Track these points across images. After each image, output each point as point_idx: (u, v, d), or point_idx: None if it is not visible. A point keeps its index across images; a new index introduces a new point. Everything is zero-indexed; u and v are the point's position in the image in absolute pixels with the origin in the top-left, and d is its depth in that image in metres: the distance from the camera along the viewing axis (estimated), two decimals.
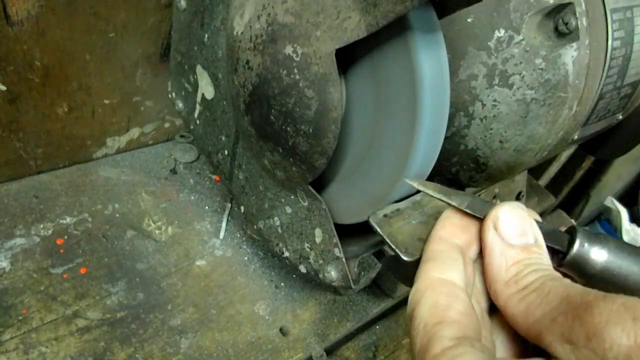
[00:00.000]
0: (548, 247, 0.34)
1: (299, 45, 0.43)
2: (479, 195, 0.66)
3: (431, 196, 0.39)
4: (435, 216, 0.38)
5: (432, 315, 0.30)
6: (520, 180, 0.73)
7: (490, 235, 0.33)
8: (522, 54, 0.47)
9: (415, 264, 0.35)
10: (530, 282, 0.30)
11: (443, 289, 0.32)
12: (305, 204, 0.54)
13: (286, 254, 0.60)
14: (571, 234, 0.33)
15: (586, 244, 0.32)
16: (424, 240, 0.37)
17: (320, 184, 0.54)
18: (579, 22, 0.44)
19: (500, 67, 0.48)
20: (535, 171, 1.23)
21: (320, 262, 0.54)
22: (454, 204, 0.37)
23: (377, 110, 0.45)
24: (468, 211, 0.36)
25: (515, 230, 0.33)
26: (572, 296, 0.28)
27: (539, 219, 0.36)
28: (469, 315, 0.30)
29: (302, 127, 0.47)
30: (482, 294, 0.35)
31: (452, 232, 0.36)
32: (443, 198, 0.38)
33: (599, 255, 0.32)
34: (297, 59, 0.44)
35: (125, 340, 0.67)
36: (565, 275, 0.33)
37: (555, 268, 0.33)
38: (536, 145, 0.51)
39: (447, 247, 0.35)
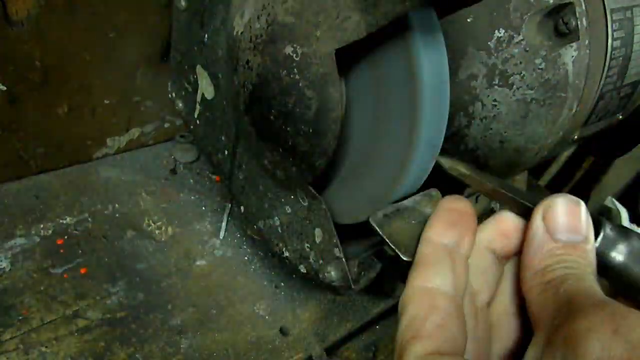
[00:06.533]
0: None
1: (299, 45, 0.43)
2: (478, 197, 0.66)
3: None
4: None
5: (408, 329, 0.30)
6: (520, 180, 0.73)
7: (536, 223, 0.32)
8: (522, 54, 0.46)
9: None
10: (553, 278, 0.30)
11: (423, 300, 0.31)
12: (305, 204, 0.54)
13: (286, 254, 0.60)
14: (597, 223, 0.32)
15: (611, 239, 0.32)
16: None
17: (320, 184, 0.54)
18: (579, 22, 0.44)
19: (500, 67, 0.48)
20: (535, 171, 1.23)
21: (320, 262, 0.54)
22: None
23: (377, 110, 0.45)
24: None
25: (565, 226, 0.32)
26: (576, 299, 0.27)
27: None
28: (446, 327, 0.30)
29: (302, 127, 0.47)
30: (484, 289, 0.35)
31: (439, 231, 0.35)
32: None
33: (619, 251, 0.31)
34: (297, 59, 0.44)
35: (125, 340, 0.67)
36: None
37: None
38: (536, 145, 0.51)
39: (433, 250, 0.34)
